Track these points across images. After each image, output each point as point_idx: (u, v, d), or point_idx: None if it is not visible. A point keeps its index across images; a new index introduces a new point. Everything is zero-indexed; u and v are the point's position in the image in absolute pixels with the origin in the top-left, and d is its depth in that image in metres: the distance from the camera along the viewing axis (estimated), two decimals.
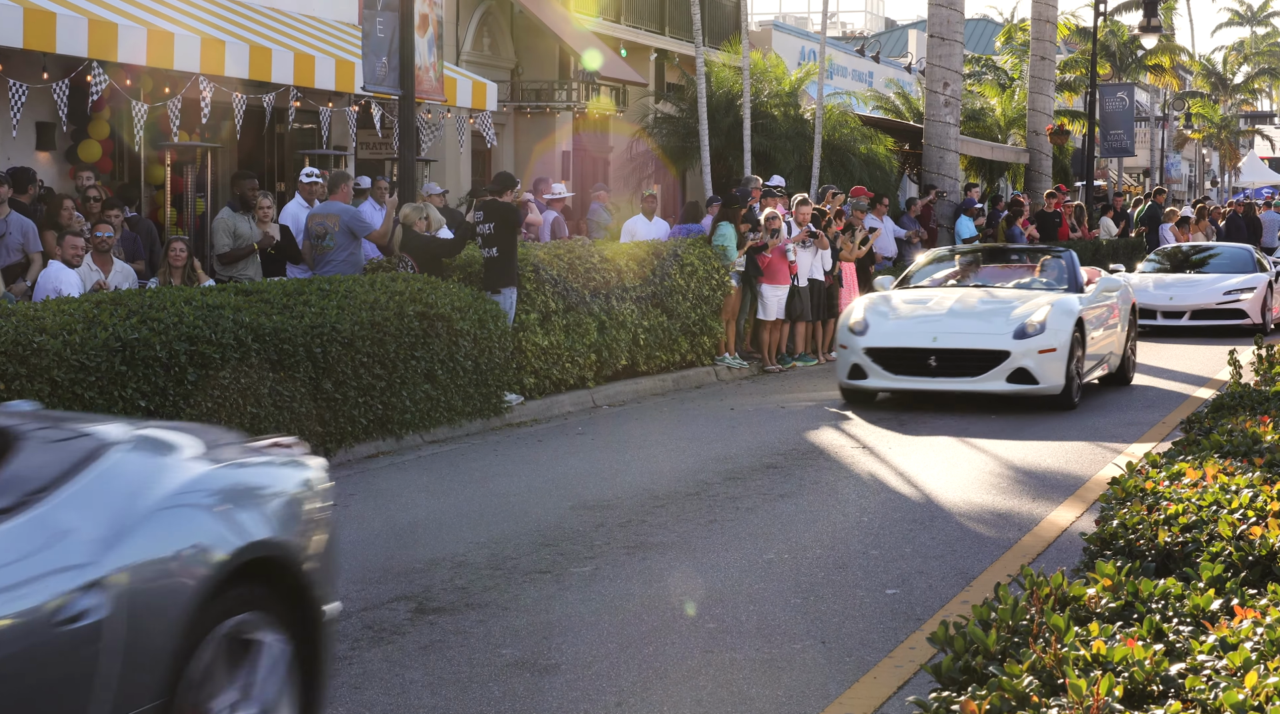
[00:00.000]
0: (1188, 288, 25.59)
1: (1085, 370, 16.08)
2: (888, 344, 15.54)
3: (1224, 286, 25.42)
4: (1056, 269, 17.47)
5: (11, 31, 15.01)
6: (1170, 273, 26.60)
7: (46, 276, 13.15)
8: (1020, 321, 15.46)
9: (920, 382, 15.47)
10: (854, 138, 29.49)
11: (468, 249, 15.59)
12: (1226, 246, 28.22)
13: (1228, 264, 26.70)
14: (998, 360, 15.27)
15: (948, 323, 15.68)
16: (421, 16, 16.05)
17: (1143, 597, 4.87)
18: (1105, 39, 52.56)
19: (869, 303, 16.42)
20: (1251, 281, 25.58)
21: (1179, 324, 25.12)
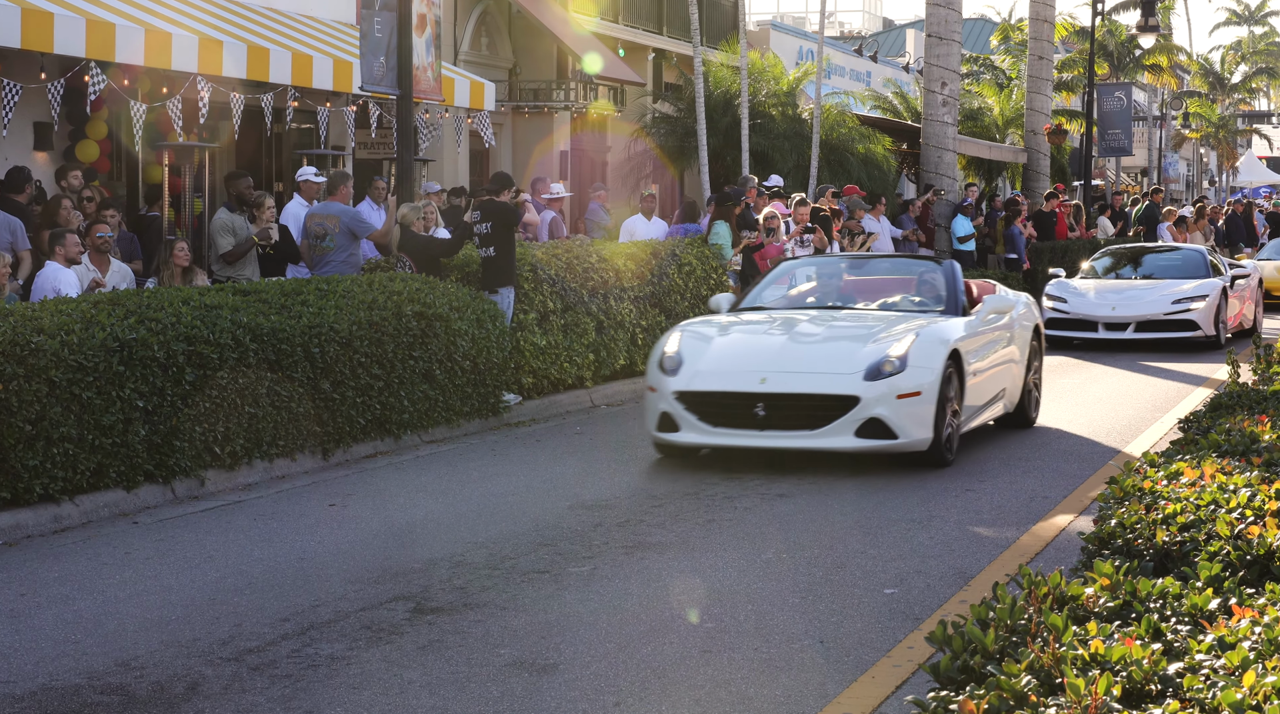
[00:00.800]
0: (1133, 296, 22.77)
1: (967, 416, 12.70)
2: (704, 387, 12.02)
3: (1173, 294, 22.51)
4: (931, 285, 13.88)
5: (9, 31, 15.01)
6: (1115, 279, 23.98)
7: (44, 277, 13.15)
8: (875, 357, 11.91)
9: (744, 436, 11.87)
10: (852, 137, 29.50)
11: (465, 249, 15.59)
12: (1180, 247, 25.37)
13: (1179, 268, 23.90)
14: (844, 408, 11.71)
15: (783, 358, 12.16)
16: (419, 16, 16.05)
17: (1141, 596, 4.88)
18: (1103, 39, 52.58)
19: (690, 331, 12.83)
20: (1203, 288, 22.64)
21: (1123, 337, 22.34)
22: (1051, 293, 22.96)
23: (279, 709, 6.33)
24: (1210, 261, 23.83)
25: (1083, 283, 23.41)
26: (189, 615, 7.83)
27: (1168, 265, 24.13)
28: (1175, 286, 22.71)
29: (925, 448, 11.87)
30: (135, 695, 6.55)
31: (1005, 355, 13.63)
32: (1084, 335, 22.40)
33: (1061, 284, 23.21)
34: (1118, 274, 24.15)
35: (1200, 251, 24.33)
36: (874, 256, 15.69)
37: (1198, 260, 23.98)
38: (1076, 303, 22.63)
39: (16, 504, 9.88)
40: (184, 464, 11.00)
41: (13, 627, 7.65)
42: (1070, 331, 22.44)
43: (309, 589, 8.35)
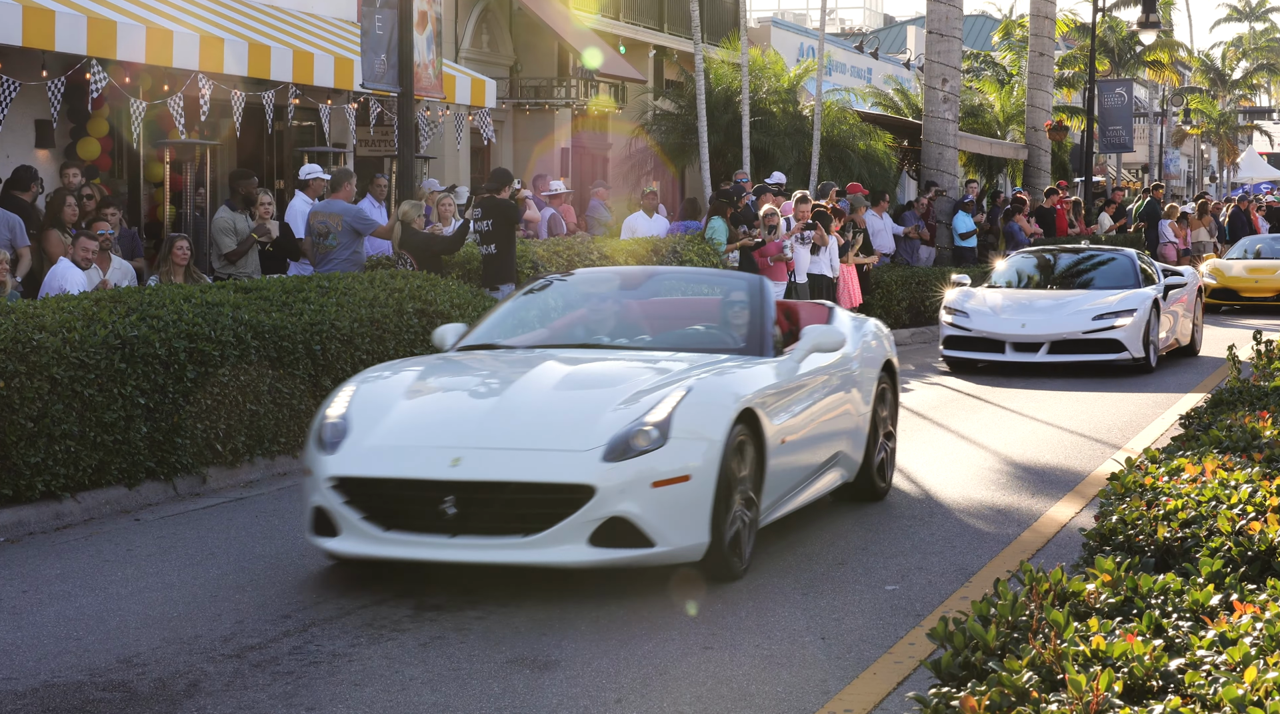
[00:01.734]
0: (1048, 310, 19.09)
1: (774, 501, 8.99)
2: (370, 470, 8.14)
3: (1095, 308, 18.93)
4: (734, 312, 9.96)
5: (10, 29, 15.02)
6: (1029, 288, 20.37)
7: (54, 275, 13.17)
8: (622, 426, 8.06)
9: (427, 545, 7.94)
10: (853, 134, 29.50)
11: (467, 246, 15.60)
12: (1106, 251, 21.36)
13: (1104, 275, 20.36)
14: (573, 503, 7.84)
15: (490, 427, 8.19)
16: (420, 13, 16.05)
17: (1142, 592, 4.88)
18: (1104, 35, 52.55)
19: (370, 383, 8.93)
20: (1131, 301, 18.97)
21: (1035, 360, 18.66)
22: (951, 305, 19.44)
23: (280, 706, 6.33)
24: (1140, 268, 20.23)
25: (990, 293, 19.83)
26: (190, 612, 7.84)
27: (1091, 272, 20.62)
28: (1098, 298, 19.18)
29: (698, 557, 8.12)
30: (137, 692, 6.56)
31: (837, 407, 10.01)
32: (989, 357, 18.90)
33: (964, 294, 19.68)
34: (1033, 282, 20.59)
35: (1129, 256, 20.62)
36: (667, 270, 11.47)
37: (1126, 266, 20.31)
38: (980, 318, 19.05)
39: (18, 501, 9.89)
40: (185, 461, 11.01)
41: (14, 623, 7.66)
42: (972, 352, 19.02)
43: (310, 586, 8.35)
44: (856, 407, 10.32)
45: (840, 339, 9.93)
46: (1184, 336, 20.70)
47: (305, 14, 21.39)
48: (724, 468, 8.16)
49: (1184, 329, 20.67)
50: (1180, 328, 20.50)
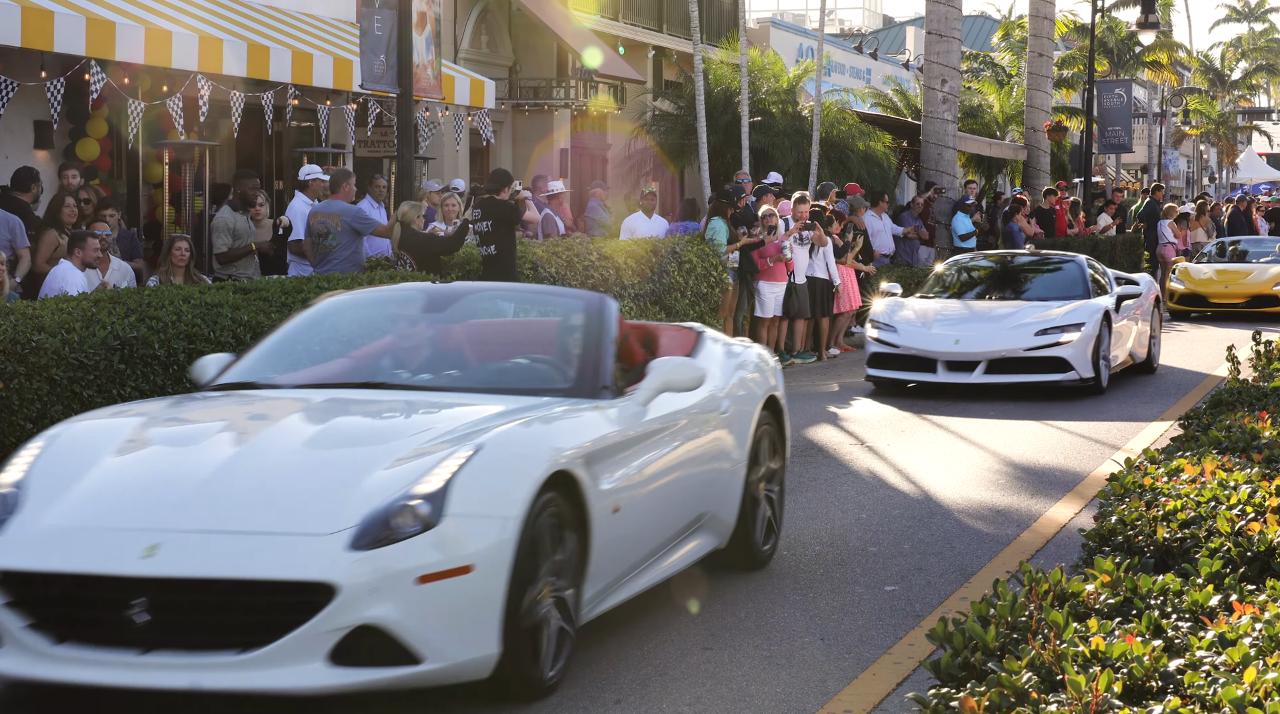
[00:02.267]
0: (985, 324, 16.89)
1: (604, 589, 7.07)
2: (35, 565, 6.09)
3: (1039, 322, 16.71)
4: (568, 343, 7.92)
5: (9, 30, 15.01)
6: (964, 299, 17.93)
7: (55, 276, 13.16)
8: (382, 500, 6.11)
9: (110, 668, 5.95)
10: (852, 135, 29.49)
11: (466, 247, 15.60)
12: (1054, 257, 19.28)
13: (1050, 284, 18.14)
14: (308, 606, 5.89)
15: (202, 501, 6.23)
16: (419, 14, 16.05)
17: (1141, 593, 4.88)
18: (1103, 35, 52.56)
19: (70, 438, 6.83)
20: (1079, 313, 16.78)
21: (970, 381, 16.43)
22: (878, 318, 17.18)
23: (278, 705, 6.32)
24: (1090, 276, 18.03)
25: (922, 304, 17.50)
26: None
27: (1035, 281, 18.41)
28: (1042, 311, 16.95)
29: (485, 673, 6.16)
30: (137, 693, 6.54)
31: (700, 458, 8.03)
32: (919, 377, 16.66)
33: (894, 305, 17.45)
34: (970, 292, 18.28)
35: (1079, 263, 18.43)
36: (484, 287, 9.92)
37: (1074, 275, 18.09)
38: (909, 333, 16.78)
39: None
40: None
41: None
42: (900, 372, 16.78)
43: None
44: (728, 455, 8.33)
45: (698, 374, 7.69)
46: (1139, 352, 18.49)
47: (304, 14, 21.39)
48: (522, 553, 6.13)
49: (1140, 344, 18.45)
50: (1136, 343, 18.27)
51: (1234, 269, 28.48)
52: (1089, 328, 16.58)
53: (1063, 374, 16.43)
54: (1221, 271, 28.24)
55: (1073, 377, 16.44)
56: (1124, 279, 19.21)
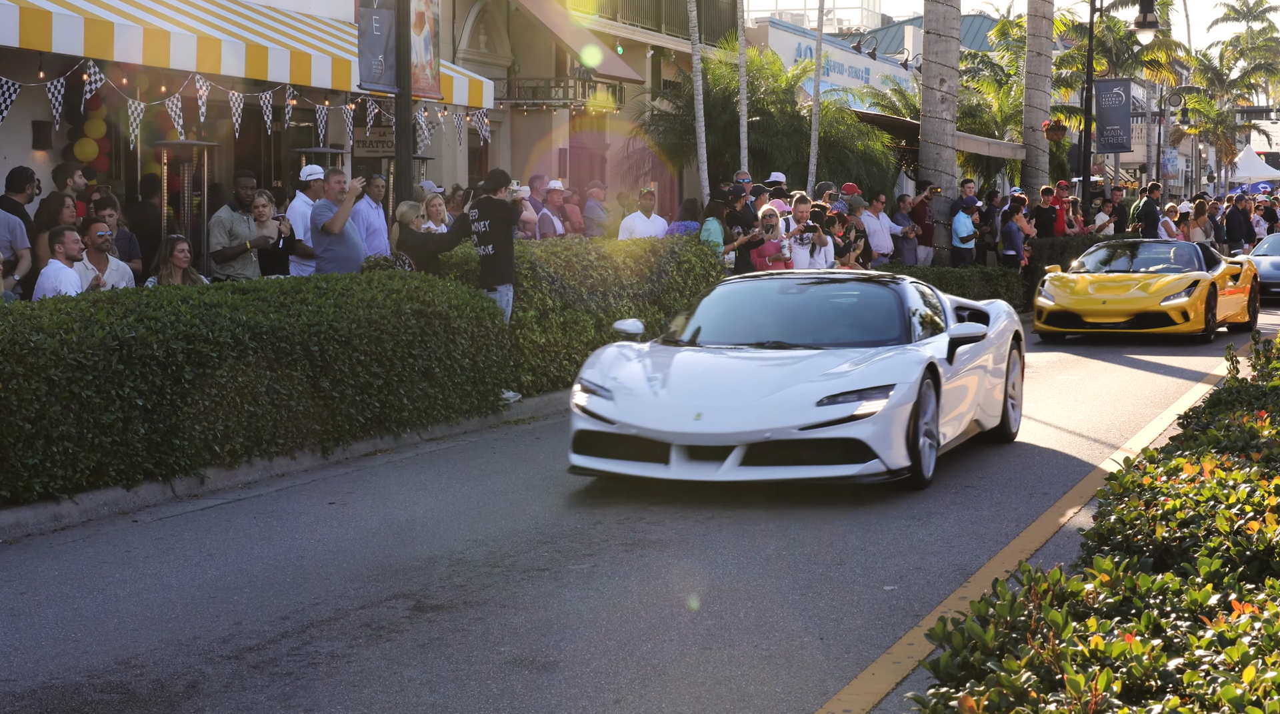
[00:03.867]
0: (743, 388, 11.06)
1: None
2: None
3: (824, 384, 10.93)
4: None
5: (7, 30, 15.01)
6: (724, 347, 11.88)
7: (46, 276, 13.16)
8: None
9: None
10: (851, 134, 29.51)
11: (464, 247, 15.60)
12: (865, 280, 13.25)
13: (851, 325, 12.30)
14: None
15: None
16: (418, 14, 16.05)
17: (1140, 592, 4.88)
18: (1101, 35, 52.58)
19: None
20: (887, 370, 11.07)
21: (716, 478, 10.59)
22: (589, 378, 11.31)
23: (279, 707, 6.33)
24: (914, 309, 12.30)
25: (660, 354, 11.72)
26: (189, 614, 7.84)
27: (832, 316, 12.53)
28: (833, 365, 11.18)
29: None
30: (135, 694, 6.55)
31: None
32: (642, 471, 10.75)
33: (617, 356, 11.61)
34: (736, 334, 12.20)
35: (896, 291, 12.50)
36: None
37: (887, 307, 12.32)
38: (630, 401, 11.00)
39: (16, 503, 9.88)
40: (183, 462, 11.01)
41: (13, 625, 7.66)
42: (618, 463, 10.89)
43: (309, 587, 8.35)
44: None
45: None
46: (988, 416, 12.85)
47: (303, 15, 21.39)
48: None
49: (989, 405, 12.81)
50: (982, 404, 12.64)
51: (1114, 280, 23.51)
52: (901, 391, 10.82)
53: (859, 465, 10.59)
54: (1100, 283, 23.30)
55: (875, 469, 10.62)
56: (970, 310, 13.60)
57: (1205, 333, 22.73)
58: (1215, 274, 23.56)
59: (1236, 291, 24.50)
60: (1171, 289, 22.71)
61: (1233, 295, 24.30)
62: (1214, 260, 24.41)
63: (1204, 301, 22.78)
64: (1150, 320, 22.62)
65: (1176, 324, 22.42)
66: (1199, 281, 22.93)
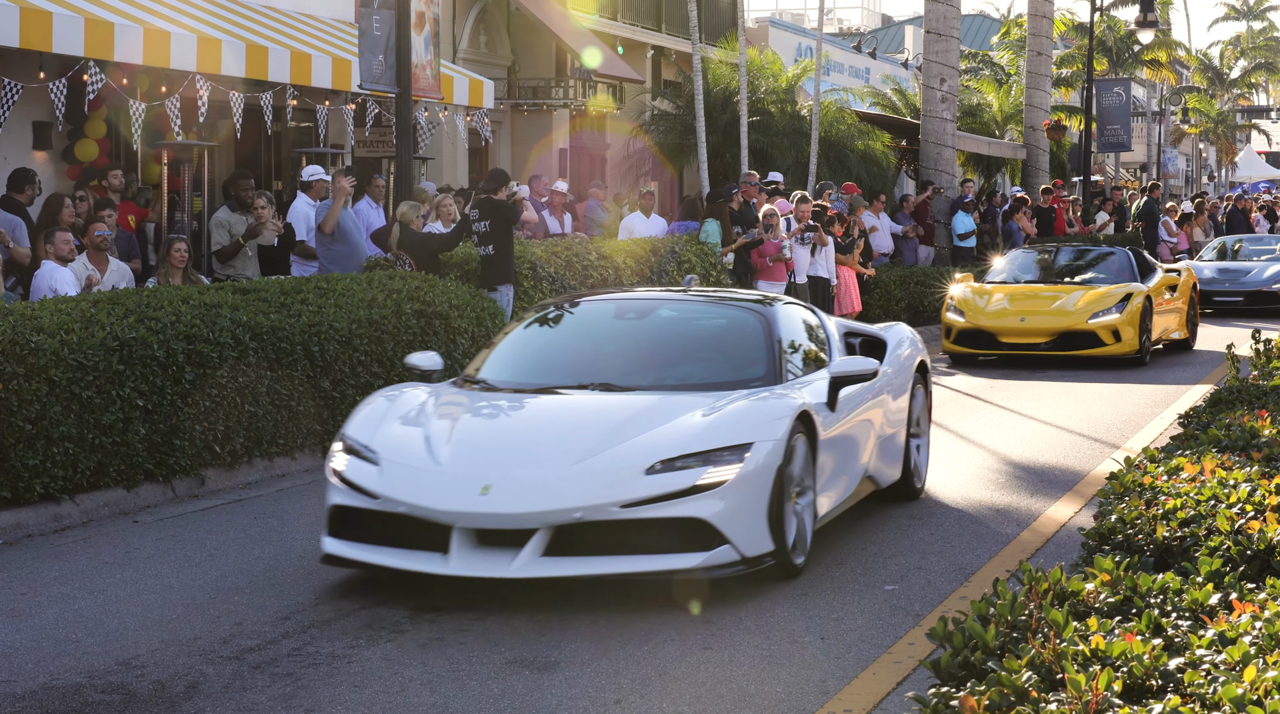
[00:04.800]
0: (546, 452, 8.25)
1: None
2: None
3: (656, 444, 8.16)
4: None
5: (8, 31, 15.01)
6: (529, 390, 9.09)
7: (41, 276, 13.17)
8: None
9: None
10: (851, 134, 29.50)
11: (465, 247, 15.61)
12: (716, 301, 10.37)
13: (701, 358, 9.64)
14: None
15: None
16: (418, 14, 16.05)
17: (1141, 591, 4.88)
18: (1102, 34, 52.57)
19: None
20: (743, 424, 8.33)
21: (509, 574, 7.79)
22: (352, 435, 8.55)
23: (280, 708, 6.33)
24: (783, 337, 9.56)
25: (450, 398, 9.05)
26: (189, 614, 7.84)
27: (674, 346, 9.78)
28: (670, 417, 8.47)
29: None
30: (136, 694, 6.55)
31: None
32: (412, 564, 8.00)
33: (386, 406, 8.88)
34: (544, 371, 9.49)
35: (766, 314, 9.72)
36: None
37: (751, 332, 9.59)
38: (400, 468, 8.27)
39: (17, 503, 9.88)
40: (184, 463, 11.01)
41: (13, 626, 7.66)
42: (381, 552, 8.14)
43: (309, 587, 8.35)
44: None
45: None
46: (886, 470, 10.27)
47: (303, 15, 21.39)
48: None
49: (886, 457, 10.26)
50: (878, 456, 10.11)
51: (1035, 292, 20.53)
52: (762, 452, 8.15)
53: (702, 554, 7.87)
54: (1018, 296, 20.32)
55: (724, 558, 7.92)
56: (864, 338, 11.08)
57: (1139, 354, 19.64)
58: (1151, 286, 20.43)
59: (1174, 305, 21.37)
60: (1100, 304, 19.67)
61: (1169, 309, 21.15)
62: (1149, 268, 21.33)
63: (1138, 318, 19.65)
64: (1076, 341, 19.57)
65: (1106, 345, 19.47)
66: (1132, 295, 19.82)
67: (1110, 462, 11.95)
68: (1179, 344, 21.74)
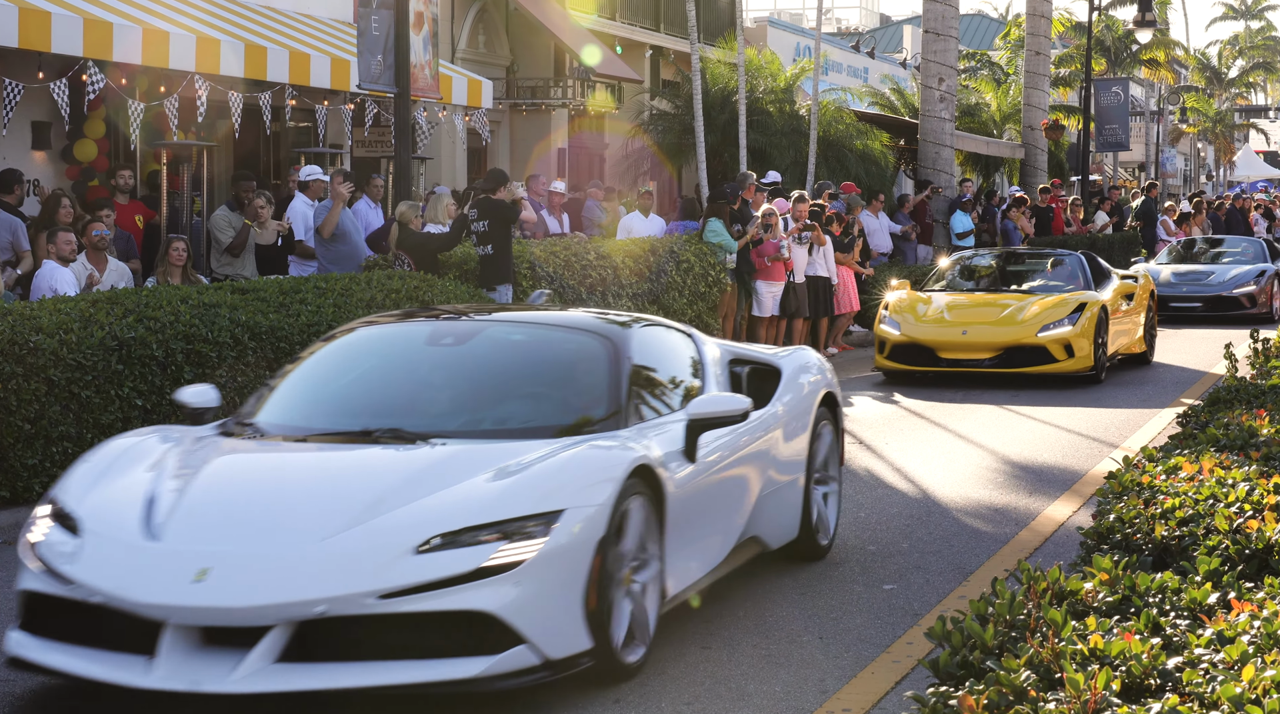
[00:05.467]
0: (280, 517, 6.46)
1: None
2: None
3: (436, 515, 6.29)
4: None
5: (7, 31, 15.01)
6: (284, 446, 7.17)
7: (41, 276, 13.17)
8: None
9: None
10: (850, 134, 29.49)
11: (464, 246, 15.61)
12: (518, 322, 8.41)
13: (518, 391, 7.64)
14: None
15: None
16: (417, 14, 16.05)
17: (1140, 591, 4.89)
18: (1100, 34, 52.58)
19: None
20: (547, 488, 6.44)
21: (235, 690, 5.98)
22: (61, 499, 6.72)
23: (280, 706, 6.32)
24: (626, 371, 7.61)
25: (186, 460, 6.98)
26: None
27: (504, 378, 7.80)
28: (465, 469, 6.63)
29: None
30: (136, 693, 6.54)
31: None
32: (101, 673, 6.17)
33: (123, 455, 7.19)
34: (341, 414, 7.56)
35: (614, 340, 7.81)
36: None
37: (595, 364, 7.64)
38: (98, 547, 6.35)
39: (15, 503, 9.89)
40: None
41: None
42: (69, 656, 6.29)
43: None
44: None
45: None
46: (777, 529, 8.54)
47: (301, 15, 21.39)
48: None
49: (778, 512, 8.50)
50: (765, 512, 8.33)
51: (979, 302, 18.50)
52: (575, 521, 6.38)
53: (488, 658, 6.16)
54: (960, 307, 18.25)
55: (519, 662, 6.24)
56: (752, 366, 9.06)
57: (1094, 371, 17.51)
58: (1107, 295, 18.36)
59: (1131, 315, 19.18)
60: (1051, 315, 17.55)
61: (1127, 320, 18.99)
62: (1104, 274, 19.15)
63: (1093, 331, 17.51)
64: (1024, 356, 17.42)
65: (1058, 361, 17.33)
66: (1086, 304, 17.70)
67: (1109, 461, 11.95)
68: (1136, 359, 19.64)
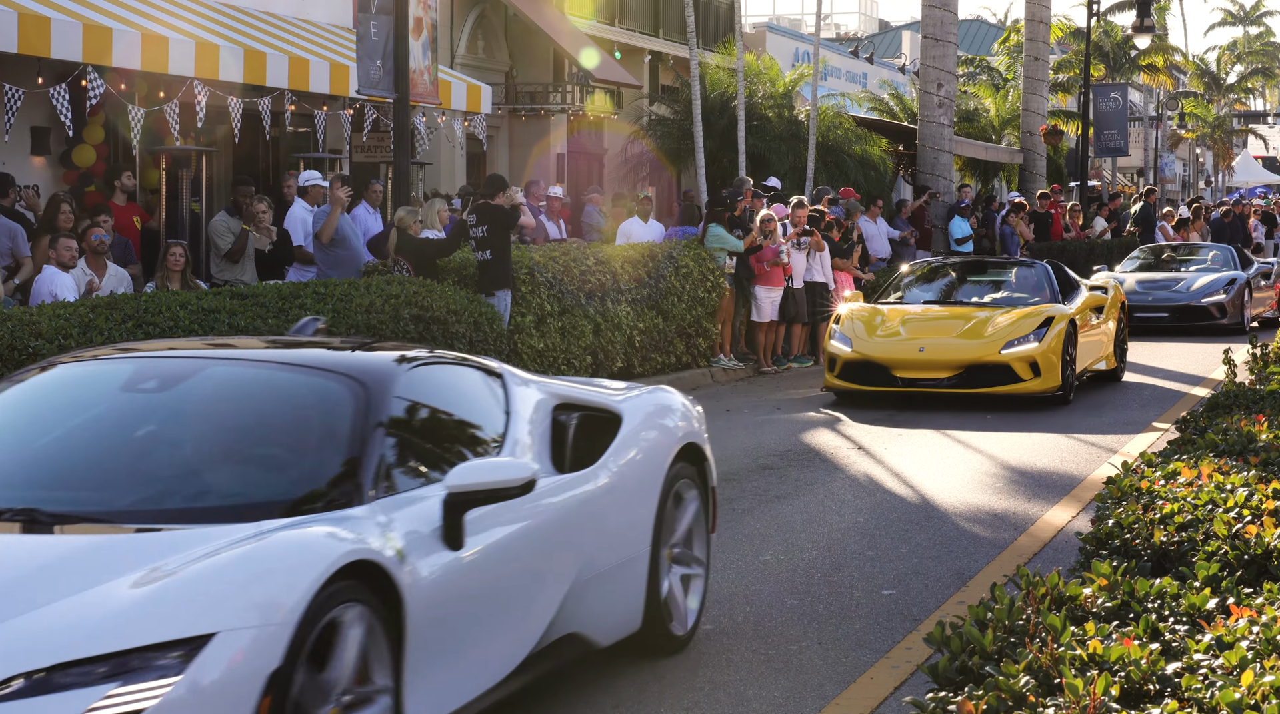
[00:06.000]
0: None
1: None
2: None
3: (30, 644, 4.44)
4: None
5: (6, 36, 15.02)
6: None
7: (41, 281, 13.17)
8: None
9: None
10: (848, 139, 29.50)
11: (462, 251, 15.62)
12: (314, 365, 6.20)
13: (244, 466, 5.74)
14: None
15: None
16: (416, 20, 16.06)
17: (1139, 596, 4.88)
18: (1099, 39, 52.61)
19: None
20: (194, 600, 4.57)
21: None
22: None
23: None
24: (377, 423, 5.70)
25: None
26: None
27: (209, 438, 5.87)
28: (98, 573, 4.75)
29: None
30: None
31: None
32: None
33: None
34: None
35: (367, 383, 5.87)
36: None
37: (331, 416, 5.76)
38: None
39: None
40: None
41: None
42: None
43: None
44: None
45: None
46: (603, 623, 6.72)
47: (301, 20, 21.40)
48: None
49: (608, 609, 6.72)
50: (589, 611, 6.58)
51: (937, 316, 16.90)
52: (232, 654, 4.51)
53: None
54: (917, 321, 16.71)
55: None
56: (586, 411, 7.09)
57: (1062, 391, 16.05)
58: (1075, 308, 16.90)
59: (1100, 328, 17.70)
60: (1016, 331, 16.05)
61: (1096, 333, 17.50)
62: (1072, 285, 17.66)
63: (1060, 347, 16.02)
64: (986, 376, 15.90)
65: (1023, 381, 15.84)
66: (1053, 319, 16.25)
67: (1107, 466, 11.95)
68: (1105, 376, 18.12)
